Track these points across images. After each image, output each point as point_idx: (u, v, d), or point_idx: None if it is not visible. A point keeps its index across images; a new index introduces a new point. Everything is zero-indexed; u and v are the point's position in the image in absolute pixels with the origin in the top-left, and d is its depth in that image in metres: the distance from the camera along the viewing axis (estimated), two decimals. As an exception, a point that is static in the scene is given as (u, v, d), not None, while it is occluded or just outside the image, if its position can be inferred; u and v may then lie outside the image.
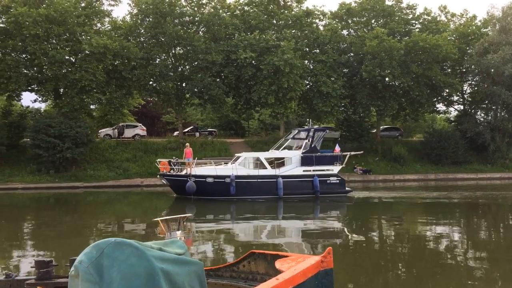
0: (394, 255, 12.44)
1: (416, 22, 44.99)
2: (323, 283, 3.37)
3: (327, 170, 25.58)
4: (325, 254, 3.46)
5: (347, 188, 26.28)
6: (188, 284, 2.96)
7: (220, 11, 40.32)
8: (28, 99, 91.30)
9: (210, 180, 24.58)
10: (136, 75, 37.12)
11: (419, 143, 44.95)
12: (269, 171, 25.15)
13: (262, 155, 26.23)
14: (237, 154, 27.27)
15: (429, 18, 44.35)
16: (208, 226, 17.75)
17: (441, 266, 11.05)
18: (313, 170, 25.35)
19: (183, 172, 25.24)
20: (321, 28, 43.31)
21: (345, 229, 17.06)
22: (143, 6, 37.33)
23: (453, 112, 50.34)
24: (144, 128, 43.78)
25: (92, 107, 42.62)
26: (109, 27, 39.09)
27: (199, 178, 24.48)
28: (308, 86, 40.64)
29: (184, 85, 40.44)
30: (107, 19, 39.19)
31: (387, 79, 40.88)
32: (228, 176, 24.49)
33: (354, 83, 41.76)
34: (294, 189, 25.04)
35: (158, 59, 39.61)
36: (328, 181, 25.47)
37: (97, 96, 38.70)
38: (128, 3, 39.27)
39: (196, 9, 39.87)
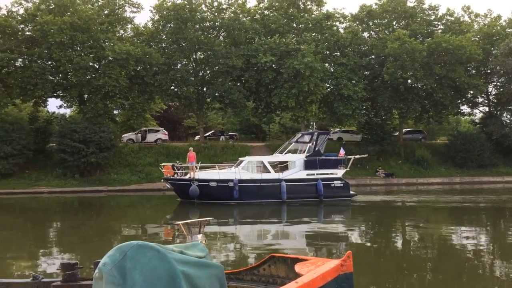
0: (416, 259, 12.24)
1: (439, 23, 44.30)
2: (343, 287, 3.36)
3: (331, 173, 25.41)
4: (344, 258, 3.46)
5: (351, 192, 26.03)
6: (209, 287, 3.00)
7: (240, 15, 40.53)
8: (53, 105, 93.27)
9: (213, 184, 24.69)
10: (158, 80, 37.58)
11: (443, 146, 44.17)
12: (273, 175, 25.13)
13: (266, 159, 26.19)
14: (240, 158, 27.31)
15: (452, 18, 43.63)
16: (212, 230, 17.73)
17: (466, 271, 10.83)
18: (317, 174, 25.21)
19: (187, 176, 25.38)
20: (341, 30, 43.07)
21: (361, 233, 16.88)
22: (165, 12, 37.83)
23: (478, 114, 49.30)
24: (166, 133, 44.29)
25: (115, 112, 43.32)
26: (132, 34, 39.76)
27: (202, 182, 24.63)
28: (328, 89, 40.41)
29: (205, 89, 40.75)
30: (129, 25, 39.96)
31: (409, 81, 40.33)
32: (231, 180, 24.54)
33: (376, 86, 41.36)
34: (297, 193, 24.88)
35: (179, 64, 40.05)
36: (332, 185, 25.30)
37: (120, 101, 39.33)
38: (150, 10, 39.97)
39: (216, 14, 40.19)
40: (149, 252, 2.71)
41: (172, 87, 40.00)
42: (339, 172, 25.57)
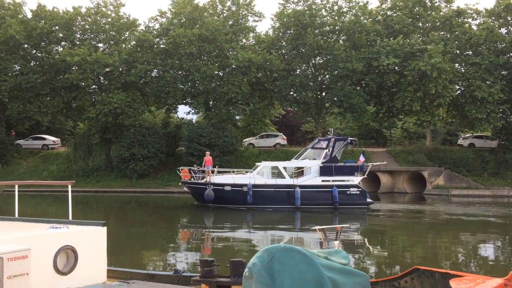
0: None
1: None
2: (509, 310, 2.97)
3: (347, 180, 24.46)
4: (509, 277, 3.06)
5: (368, 200, 24.79)
6: (354, 296, 2.87)
7: (361, 18, 39.54)
8: (182, 111, 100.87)
9: (227, 188, 24.98)
10: (277, 86, 38.37)
11: None
12: (287, 180, 24.82)
13: (281, 164, 26.04)
14: (257, 163, 27.21)
15: None
16: (225, 235, 17.35)
17: None
18: (332, 181, 24.46)
19: (203, 180, 25.92)
20: (474, 27, 39.53)
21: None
22: (285, 20, 38.51)
23: None
24: (285, 137, 44.87)
25: (237, 117, 45.25)
26: (253, 42, 41.24)
27: (217, 186, 25.01)
28: (459, 91, 37.39)
29: (323, 94, 40.53)
30: (251, 34, 41.50)
31: (558, 80, 35.50)
32: (245, 185, 24.52)
33: (516, 86, 37.16)
34: (312, 199, 24.30)
35: (299, 70, 40.39)
36: (348, 192, 24.43)
37: (242, 107, 40.96)
38: (270, 18, 41.02)
39: (336, 18, 39.75)
40: (297, 255, 2.68)
41: (291, 92, 40.49)
42: (356, 179, 24.65)
